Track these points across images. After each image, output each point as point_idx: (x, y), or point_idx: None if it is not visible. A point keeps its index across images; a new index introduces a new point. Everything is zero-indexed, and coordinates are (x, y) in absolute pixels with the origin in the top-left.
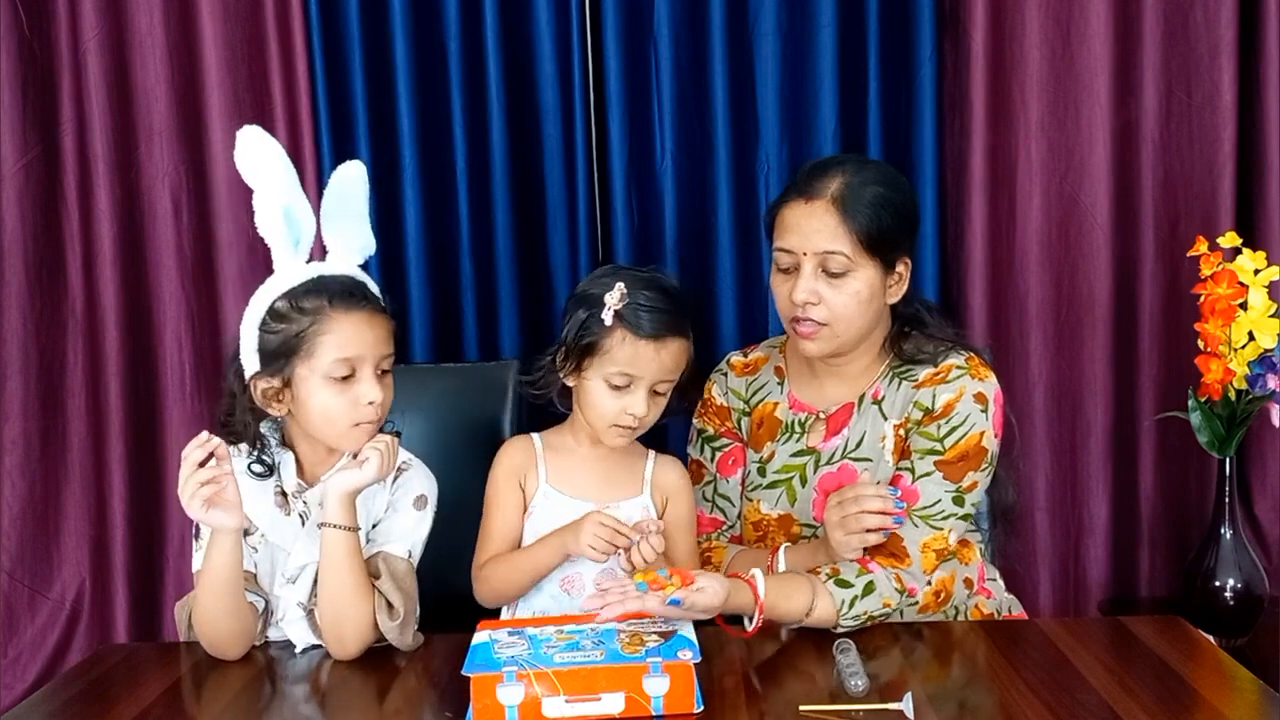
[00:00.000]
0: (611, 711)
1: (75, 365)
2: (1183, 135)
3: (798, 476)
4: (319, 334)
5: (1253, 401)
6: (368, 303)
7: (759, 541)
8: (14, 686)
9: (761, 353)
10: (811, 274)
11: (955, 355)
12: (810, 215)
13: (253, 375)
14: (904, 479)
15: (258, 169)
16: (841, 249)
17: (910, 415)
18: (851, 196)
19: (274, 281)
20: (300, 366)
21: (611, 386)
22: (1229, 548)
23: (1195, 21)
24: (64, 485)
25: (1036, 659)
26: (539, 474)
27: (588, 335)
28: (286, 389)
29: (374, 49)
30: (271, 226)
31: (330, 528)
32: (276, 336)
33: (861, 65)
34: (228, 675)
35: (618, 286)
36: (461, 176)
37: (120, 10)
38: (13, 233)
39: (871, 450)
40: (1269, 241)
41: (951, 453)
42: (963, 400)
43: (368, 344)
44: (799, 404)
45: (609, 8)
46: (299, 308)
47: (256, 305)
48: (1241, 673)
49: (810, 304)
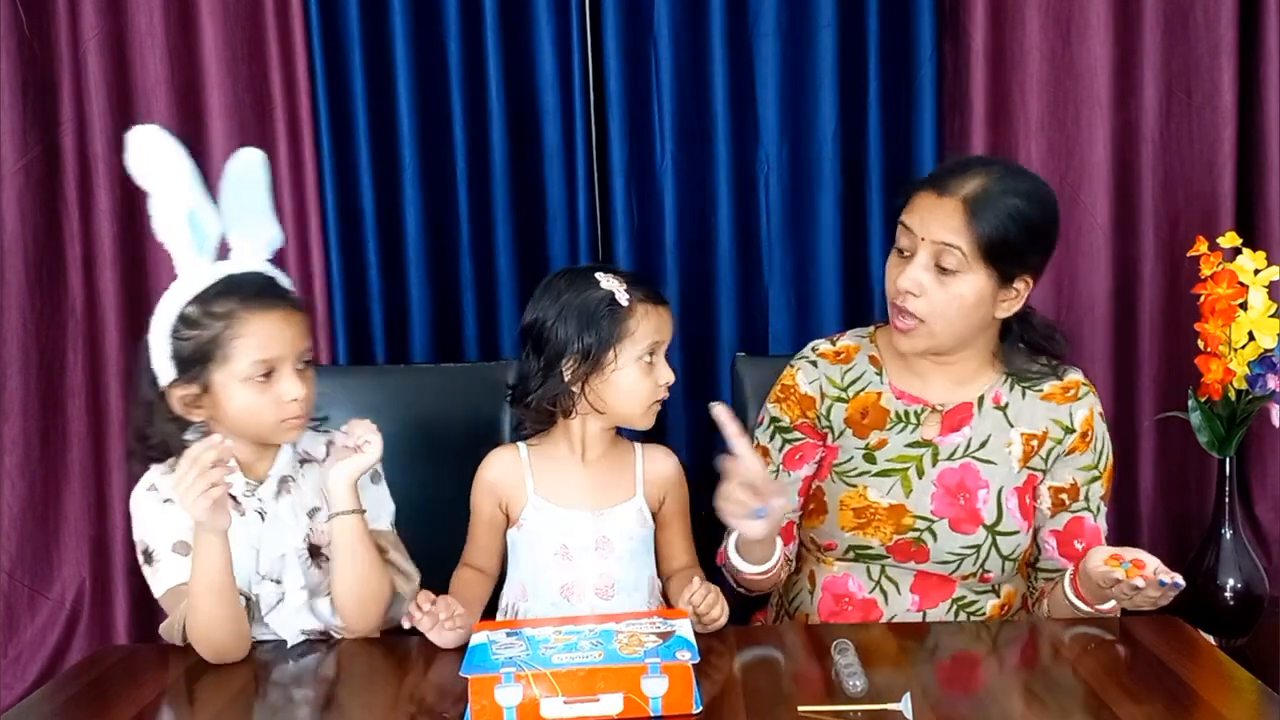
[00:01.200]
0: (610, 712)
1: (75, 365)
2: (1183, 135)
3: (914, 467)
4: (234, 338)
5: (1253, 401)
6: (281, 300)
7: (858, 529)
8: (14, 686)
9: (850, 341)
10: (923, 264)
11: (1073, 370)
12: (939, 206)
13: (168, 384)
14: (1087, 520)
15: (154, 171)
16: (960, 245)
17: (1049, 431)
18: (985, 201)
19: (180, 286)
20: (217, 372)
21: (644, 364)
22: (1229, 548)
23: (1195, 21)
24: (64, 485)
25: (1036, 659)
26: (526, 485)
27: (610, 326)
28: (205, 395)
29: (374, 49)
30: (173, 230)
31: (342, 515)
32: (189, 343)
33: (861, 65)
34: (227, 676)
35: (605, 275)
36: (461, 176)
37: (120, 10)
38: (13, 233)
39: (996, 454)
40: (1269, 241)
41: (1105, 479)
42: (1095, 420)
43: (285, 342)
44: (905, 394)
45: (609, 8)
46: (210, 312)
47: (165, 312)
48: (1240, 673)
49: (911, 294)
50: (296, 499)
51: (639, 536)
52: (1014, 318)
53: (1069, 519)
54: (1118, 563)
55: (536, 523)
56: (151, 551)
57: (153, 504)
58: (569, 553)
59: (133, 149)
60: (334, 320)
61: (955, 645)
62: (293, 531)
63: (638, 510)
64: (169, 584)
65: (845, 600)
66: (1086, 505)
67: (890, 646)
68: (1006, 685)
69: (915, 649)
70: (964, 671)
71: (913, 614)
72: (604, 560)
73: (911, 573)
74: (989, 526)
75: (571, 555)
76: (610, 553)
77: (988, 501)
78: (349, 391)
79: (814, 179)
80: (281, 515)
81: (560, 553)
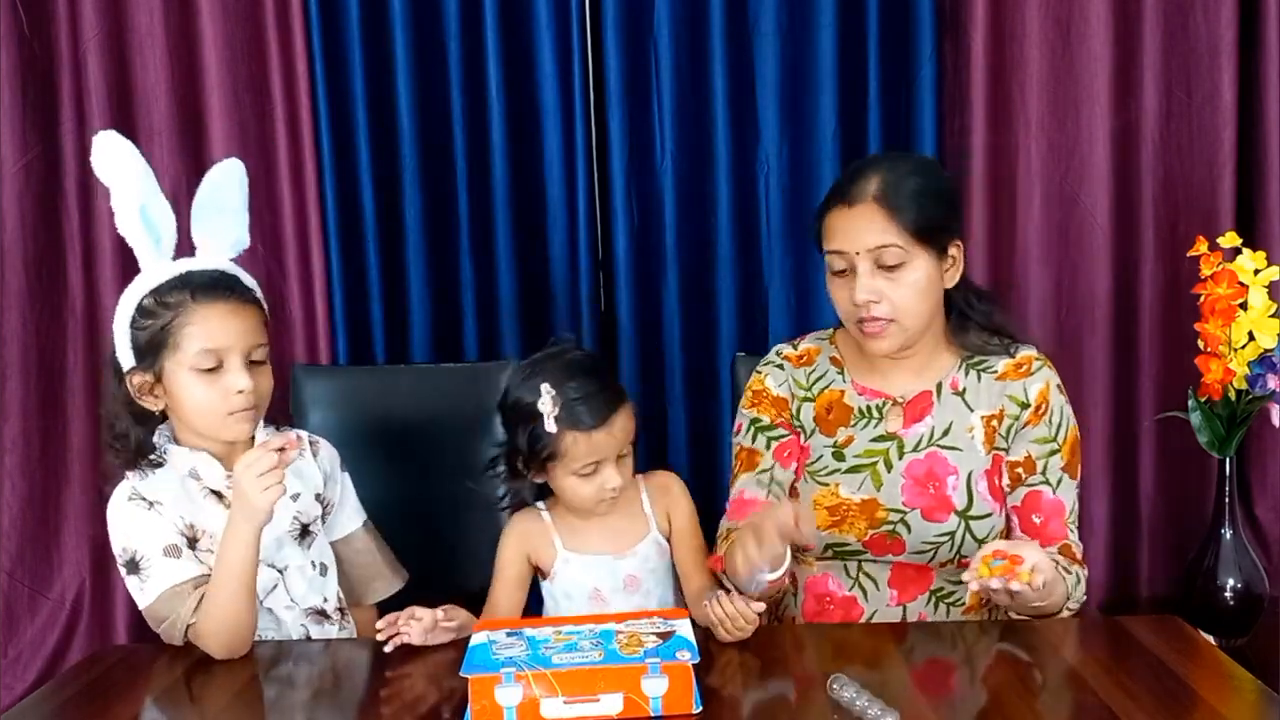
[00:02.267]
0: (610, 712)
1: (75, 365)
2: (1183, 135)
3: (882, 461)
4: (183, 326)
5: (1253, 401)
6: (233, 294)
7: (834, 527)
8: (14, 686)
9: (811, 344)
10: (868, 272)
11: (1026, 347)
12: (856, 216)
13: (128, 371)
14: (1044, 493)
15: (114, 171)
16: (893, 241)
17: (1005, 409)
18: (892, 192)
19: (141, 279)
20: (168, 360)
21: (581, 477)
22: (1229, 548)
23: (1195, 21)
24: (64, 485)
25: (1035, 659)
26: (554, 541)
27: (541, 446)
28: (158, 384)
29: (374, 49)
30: (130, 226)
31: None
32: (145, 332)
33: (861, 65)
34: (227, 675)
35: (545, 390)
36: (461, 176)
37: (120, 10)
38: (13, 233)
39: (960, 440)
40: (1269, 241)
41: (1066, 451)
42: (1051, 392)
43: (233, 334)
44: (867, 390)
45: (609, 8)
46: (163, 302)
47: (126, 303)
48: (1240, 673)
49: (873, 302)
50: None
51: (661, 567)
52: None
53: (1025, 493)
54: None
55: (567, 573)
56: (138, 559)
57: (136, 511)
58: (601, 595)
59: (95, 151)
60: (334, 320)
61: (954, 645)
62: (282, 516)
63: (655, 543)
64: (163, 587)
65: (827, 600)
66: (1045, 479)
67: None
68: (1005, 685)
69: (914, 649)
70: (963, 671)
71: (892, 609)
72: (633, 596)
73: (888, 566)
74: (960, 513)
75: (604, 596)
76: (639, 589)
77: (957, 488)
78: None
79: (814, 179)
80: None
81: (593, 596)
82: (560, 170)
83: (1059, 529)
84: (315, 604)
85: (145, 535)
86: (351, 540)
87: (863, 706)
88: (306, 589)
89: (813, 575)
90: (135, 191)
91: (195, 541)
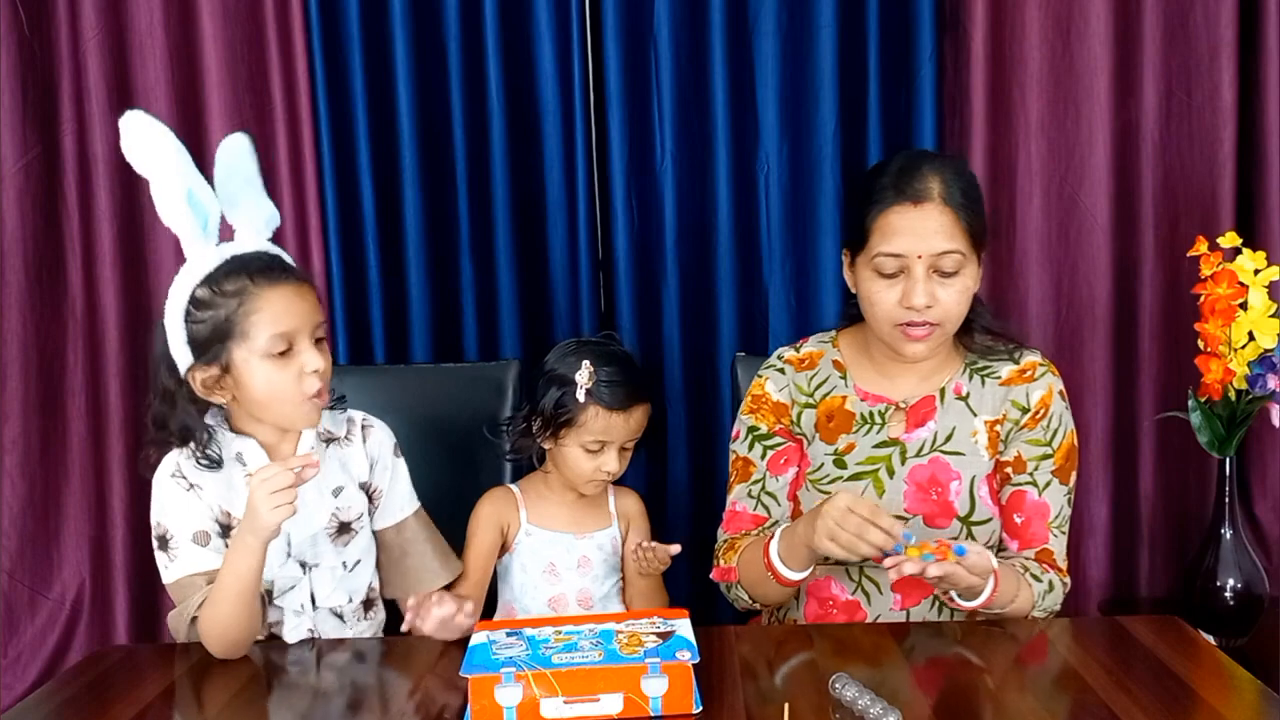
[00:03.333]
0: (610, 712)
1: (75, 365)
2: (1183, 135)
3: (884, 468)
4: (249, 313)
5: (1253, 401)
6: (290, 274)
7: None
8: (14, 686)
9: (814, 347)
10: (925, 276)
11: (1030, 353)
12: (924, 218)
13: (189, 368)
14: (1029, 494)
15: (149, 156)
16: (958, 248)
17: (1007, 414)
18: (955, 193)
19: (188, 269)
20: (237, 350)
21: (587, 451)
22: (1229, 548)
23: (1195, 21)
24: (64, 485)
25: (1035, 659)
26: (520, 517)
27: (564, 411)
28: (226, 375)
29: (374, 49)
30: (176, 213)
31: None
32: (205, 325)
33: (861, 65)
34: (227, 675)
35: (585, 365)
36: (461, 176)
37: (120, 10)
38: (13, 233)
39: (964, 445)
40: (1269, 241)
41: (1059, 456)
42: (1054, 398)
43: (300, 315)
44: (870, 395)
45: (609, 8)
46: (222, 291)
47: (177, 296)
48: (1240, 673)
49: (928, 306)
50: (321, 479)
51: (611, 562)
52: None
53: (1011, 492)
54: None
55: (528, 546)
56: (169, 537)
57: (176, 489)
58: (555, 570)
59: (126, 136)
60: (334, 320)
61: (954, 645)
62: (320, 512)
63: (612, 538)
64: (184, 573)
65: (830, 603)
66: (1031, 479)
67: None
68: (1005, 685)
69: (914, 649)
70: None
71: (896, 613)
72: (584, 577)
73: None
74: (962, 519)
75: (558, 572)
76: (589, 570)
77: (960, 493)
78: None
79: (814, 179)
80: (308, 497)
81: (548, 569)
82: (560, 170)
83: (1040, 531)
84: (338, 603)
85: (179, 516)
86: (402, 528)
87: (864, 706)
88: (333, 588)
89: (815, 579)
90: (177, 175)
91: (229, 529)
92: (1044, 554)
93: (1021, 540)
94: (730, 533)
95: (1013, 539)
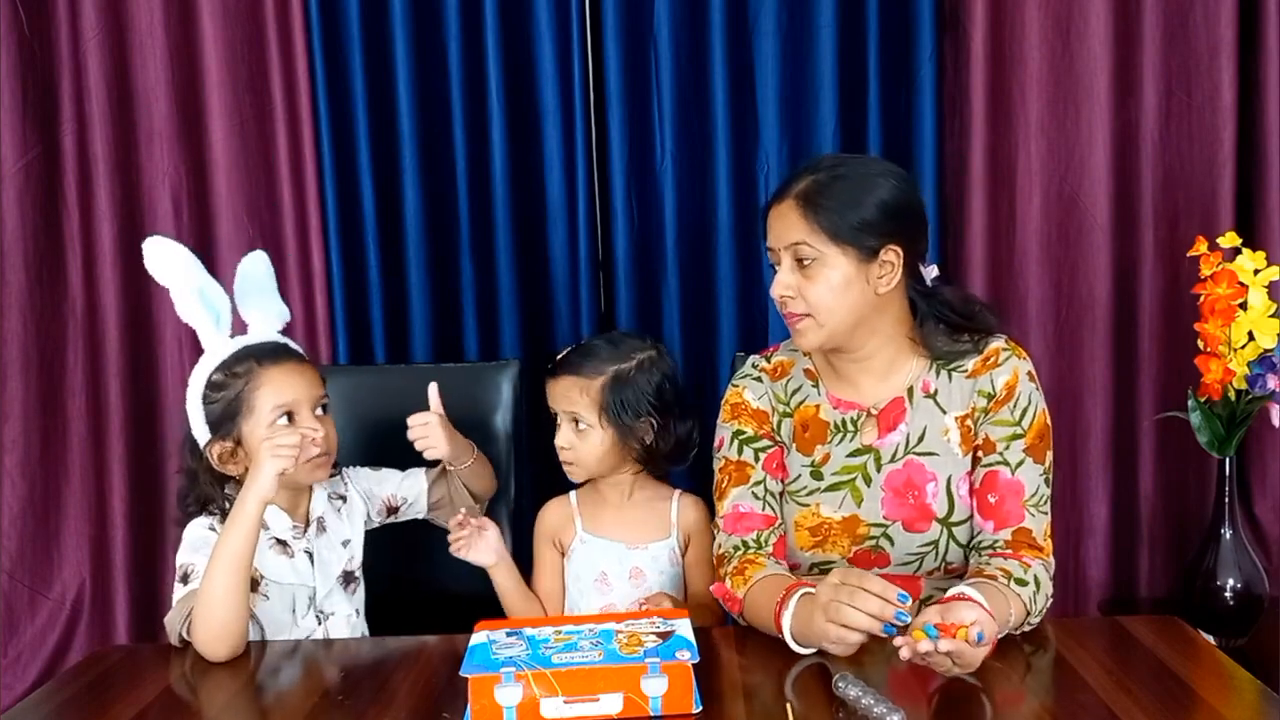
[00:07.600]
0: (610, 712)
1: (75, 365)
2: (1183, 135)
3: (860, 476)
4: (254, 390)
5: (1253, 401)
6: (293, 355)
7: (816, 547)
8: (14, 686)
9: (784, 356)
10: (788, 267)
11: (995, 339)
12: (779, 214)
13: (206, 444)
14: (1001, 473)
15: (167, 269)
16: (804, 238)
17: (975, 405)
18: (816, 192)
19: (206, 359)
20: (245, 424)
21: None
22: (1229, 548)
23: (1195, 21)
24: (64, 485)
25: (1036, 659)
26: (575, 525)
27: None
28: (239, 448)
29: (374, 49)
30: (192, 312)
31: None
32: (218, 405)
33: (861, 65)
34: (226, 676)
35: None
36: (461, 176)
37: (120, 10)
38: (13, 233)
39: (936, 445)
40: (1269, 241)
41: (1031, 434)
42: (1020, 380)
43: (300, 388)
44: (842, 402)
45: (609, 8)
46: (232, 373)
47: (196, 383)
48: (1240, 673)
49: (787, 296)
50: (333, 534)
51: (669, 573)
52: (919, 296)
53: (984, 473)
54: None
55: (582, 554)
56: (190, 575)
57: (209, 536)
58: (607, 579)
59: (148, 259)
60: (334, 320)
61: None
62: (335, 566)
63: (670, 549)
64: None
65: None
66: (1003, 459)
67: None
68: (1005, 685)
69: None
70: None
71: None
72: (637, 589)
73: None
74: (941, 520)
75: (610, 582)
76: (643, 582)
77: (937, 495)
78: (349, 391)
79: None
80: (324, 554)
81: (600, 579)
82: (560, 170)
83: (1015, 510)
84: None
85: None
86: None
87: (868, 705)
88: (348, 634)
89: None
90: (189, 280)
91: (256, 584)
92: (1021, 533)
93: (996, 520)
94: (740, 534)
95: (987, 519)
